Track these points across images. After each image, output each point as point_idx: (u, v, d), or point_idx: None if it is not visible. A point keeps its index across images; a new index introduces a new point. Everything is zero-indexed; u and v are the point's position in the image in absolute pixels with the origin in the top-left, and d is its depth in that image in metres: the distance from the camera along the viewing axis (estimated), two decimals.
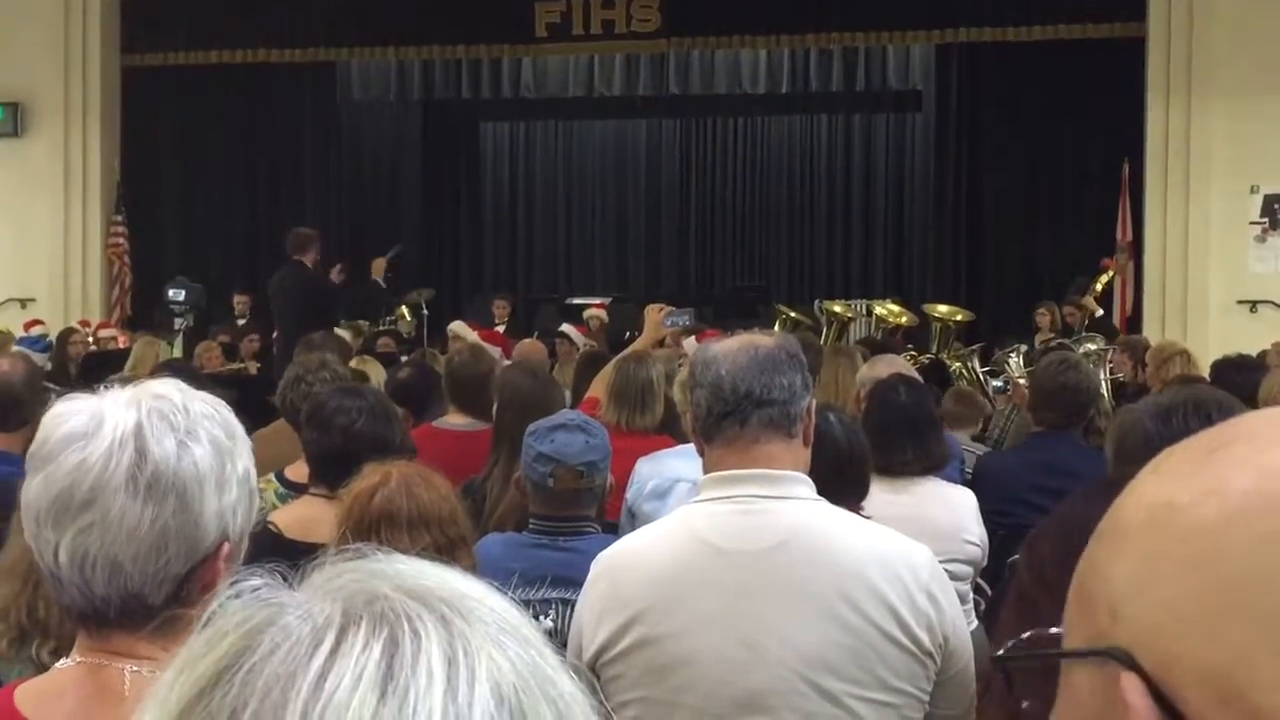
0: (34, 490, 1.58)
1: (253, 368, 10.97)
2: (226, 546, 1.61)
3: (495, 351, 7.77)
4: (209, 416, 1.61)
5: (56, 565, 1.57)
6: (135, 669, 1.58)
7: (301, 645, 0.70)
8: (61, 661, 1.65)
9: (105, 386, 1.63)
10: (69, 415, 1.59)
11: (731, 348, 2.55)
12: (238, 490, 1.61)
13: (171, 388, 1.64)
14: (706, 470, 2.56)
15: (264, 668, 0.69)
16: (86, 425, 1.57)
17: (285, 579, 0.76)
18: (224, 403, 1.69)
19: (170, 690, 0.72)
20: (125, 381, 1.67)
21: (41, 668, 2.45)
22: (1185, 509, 0.72)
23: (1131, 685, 0.71)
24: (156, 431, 1.56)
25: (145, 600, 1.57)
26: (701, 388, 2.53)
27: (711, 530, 2.47)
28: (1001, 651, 0.84)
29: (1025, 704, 0.82)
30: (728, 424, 2.49)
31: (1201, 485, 0.72)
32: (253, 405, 5.66)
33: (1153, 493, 0.75)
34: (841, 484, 3.25)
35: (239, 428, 1.66)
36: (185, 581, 1.58)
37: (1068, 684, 0.76)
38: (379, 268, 11.60)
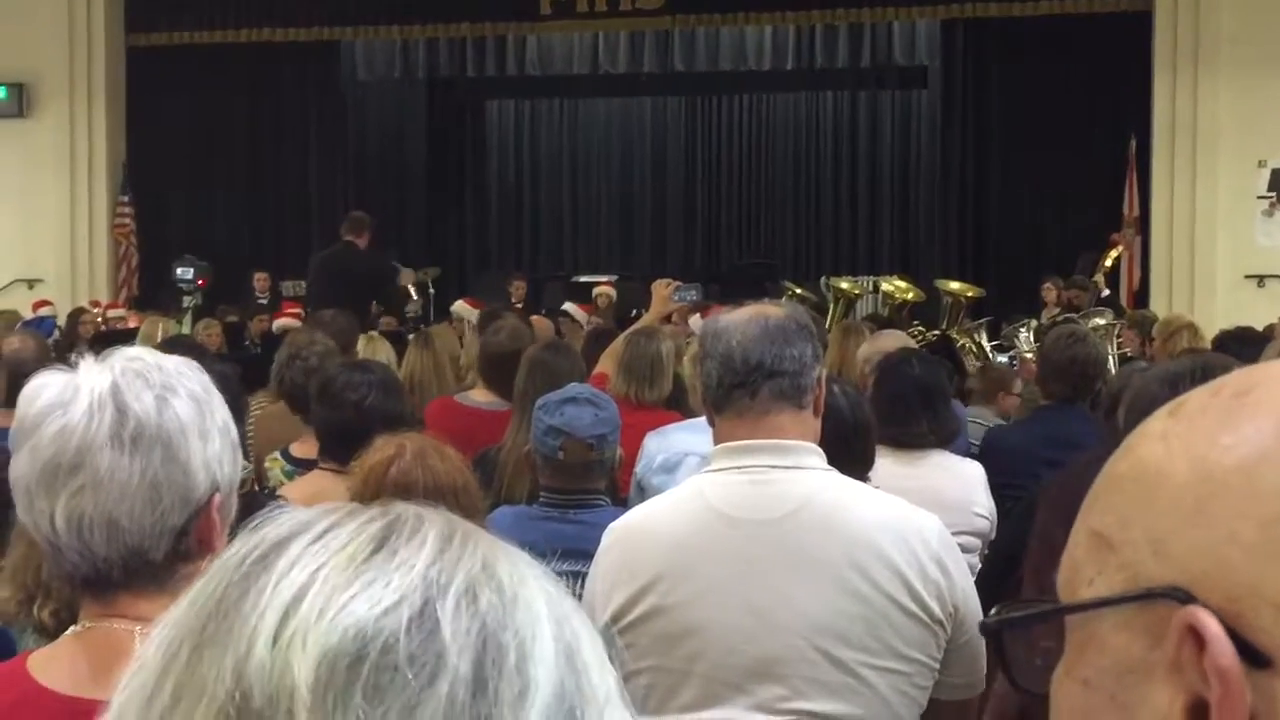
0: (21, 464, 1.60)
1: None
2: (218, 497, 1.62)
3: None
4: (183, 373, 1.63)
5: (54, 533, 1.58)
6: (144, 630, 1.57)
7: (309, 520, 0.72)
8: (70, 629, 1.66)
9: (74, 361, 1.64)
10: (44, 387, 1.60)
11: (741, 319, 2.54)
12: (220, 440, 1.63)
13: (143, 351, 1.67)
14: (717, 441, 2.57)
15: (270, 532, 0.72)
16: (63, 393, 1.58)
17: None
18: (199, 365, 1.71)
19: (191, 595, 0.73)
20: None
21: (41, 627, 2.48)
22: (1230, 449, 0.72)
23: (1205, 618, 0.70)
24: (134, 389, 1.58)
25: (146, 555, 1.58)
26: (712, 359, 2.52)
27: (723, 500, 2.48)
28: (992, 615, 0.84)
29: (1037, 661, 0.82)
30: (738, 395, 2.49)
31: (1240, 430, 0.73)
32: (257, 380, 5.68)
33: (1185, 440, 0.75)
34: (847, 455, 3.24)
35: (211, 383, 1.68)
36: (183, 535, 1.60)
37: (1090, 637, 0.76)
38: (408, 277, 11.69)
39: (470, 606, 0.69)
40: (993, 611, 0.85)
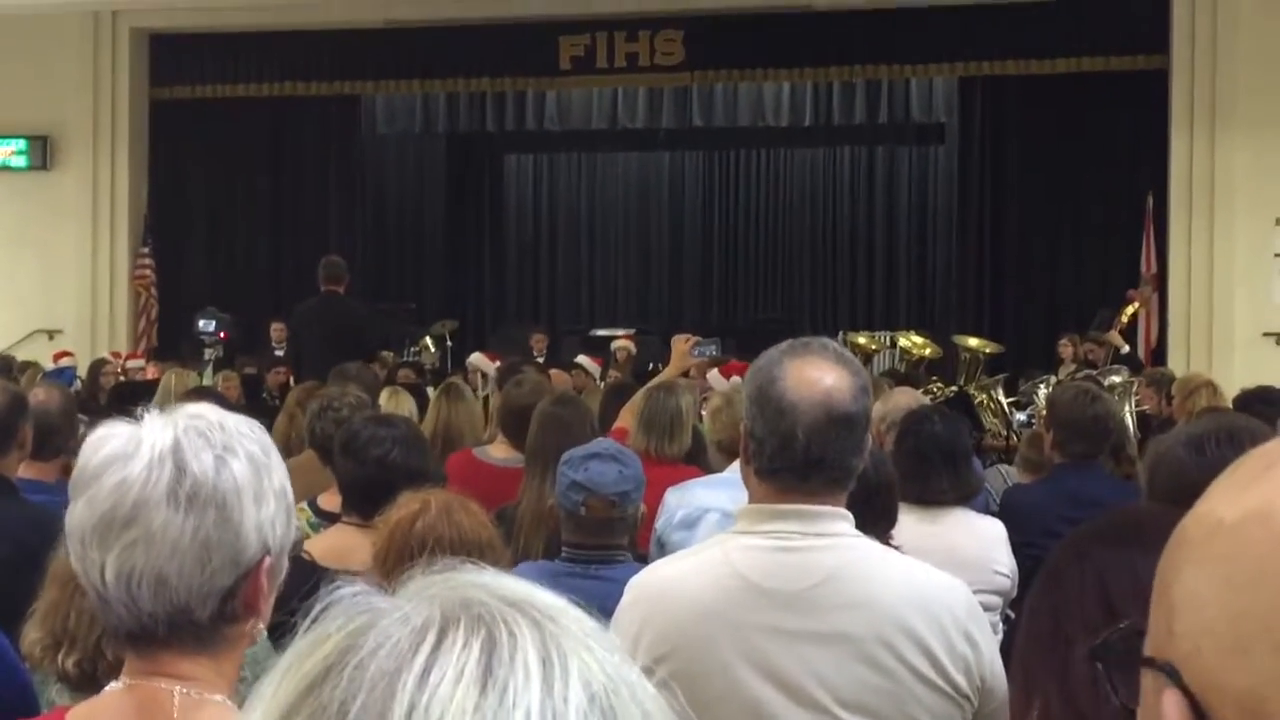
0: (78, 513, 1.61)
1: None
2: (268, 560, 1.63)
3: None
4: (244, 434, 1.65)
5: (104, 585, 1.59)
6: (184, 690, 1.60)
7: (404, 644, 0.73)
8: (111, 685, 1.66)
9: (140, 414, 1.65)
10: (108, 439, 1.62)
11: (810, 399, 2.38)
12: (275, 503, 1.64)
13: (206, 408, 1.68)
14: (751, 498, 2.51)
15: (370, 663, 0.73)
16: (125, 446, 1.60)
17: (382, 590, 0.79)
18: (258, 423, 1.72)
19: (278, 688, 0.75)
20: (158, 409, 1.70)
21: (65, 676, 2.49)
22: (1233, 529, 0.72)
23: (1171, 703, 0.72)
24: (194, 447, 1.59)
25: (192, 615, 1.59)
26: (769, 429, 2.40)
27: (750, 567, 2.43)
28: (1099, 643, 0.85)
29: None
30: (788, 476, 2.42)
31: (1249, 503, 0.72)
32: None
33: (1209, 505, 0.75)
34: (870, 513, 3.24)
35: (273, 445, 1.70)
36: (230, 596, 1.61)
37: (1143, 682, 0.78)
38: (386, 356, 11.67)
39: None
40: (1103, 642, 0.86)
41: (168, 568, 1.58)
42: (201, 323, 13.18)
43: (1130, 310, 12.98)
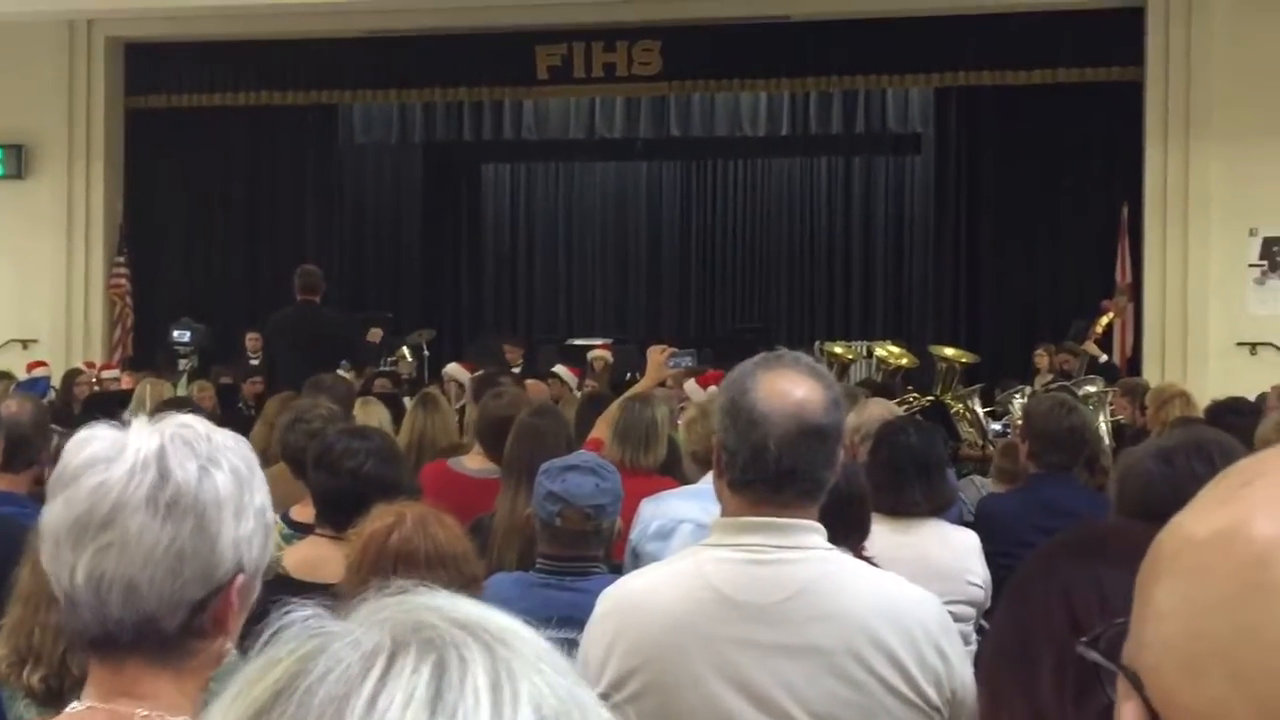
0: (55, 512, 1.59)
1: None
2: (241, 578, 1.60)
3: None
4: (230, 448, 1.63)
5: (73, 587, 1.57)
6: (145, 714, 1.57)
7: (354, 669, 0.73)
8: (72, 706, 1.63)
9: (124, 420, 1.64)
10: (91, 440, 1.60)
11: (781, 410, 2.39)
12: (254, 521, 1.62)
13: (194, 419, 1.66)
14: (724, 510, 2.52)
15: (319, 689, 0.72)
16: (109, 449, 1.58)
17: (332, 612, 0.79)
18: (244, 439, 1.70)
19: (226, 713, 0.74)
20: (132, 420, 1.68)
21: (31, 692, 2.47)
22: (1198, 546, 0.72)
23: (1128, 711, 0.72)
24: (179, 455, 1.57)
25: (159, 624, 1.57)
26: (741, 440, 2.41)
27: (723, 579, 2.44)
28: (1094, 634, 0.84)
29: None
30: (761, 488, 2.42)
31: (1218, 522, 0.72)
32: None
33: (1184, 518, 0.75)
34: (842, 525, 3.24)
35: (256, 462, 1.68)
36: (199, 610, 1.58)
37: (1119, 684, 0.78)
38: (376, 335, 11.60)
39: None
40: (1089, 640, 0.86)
41: (139, 575, 1.56)
42: (176, 333, 13.13)
43: (1105, 320, 13.02)
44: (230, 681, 0.76)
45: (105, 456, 1.58)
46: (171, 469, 1.57)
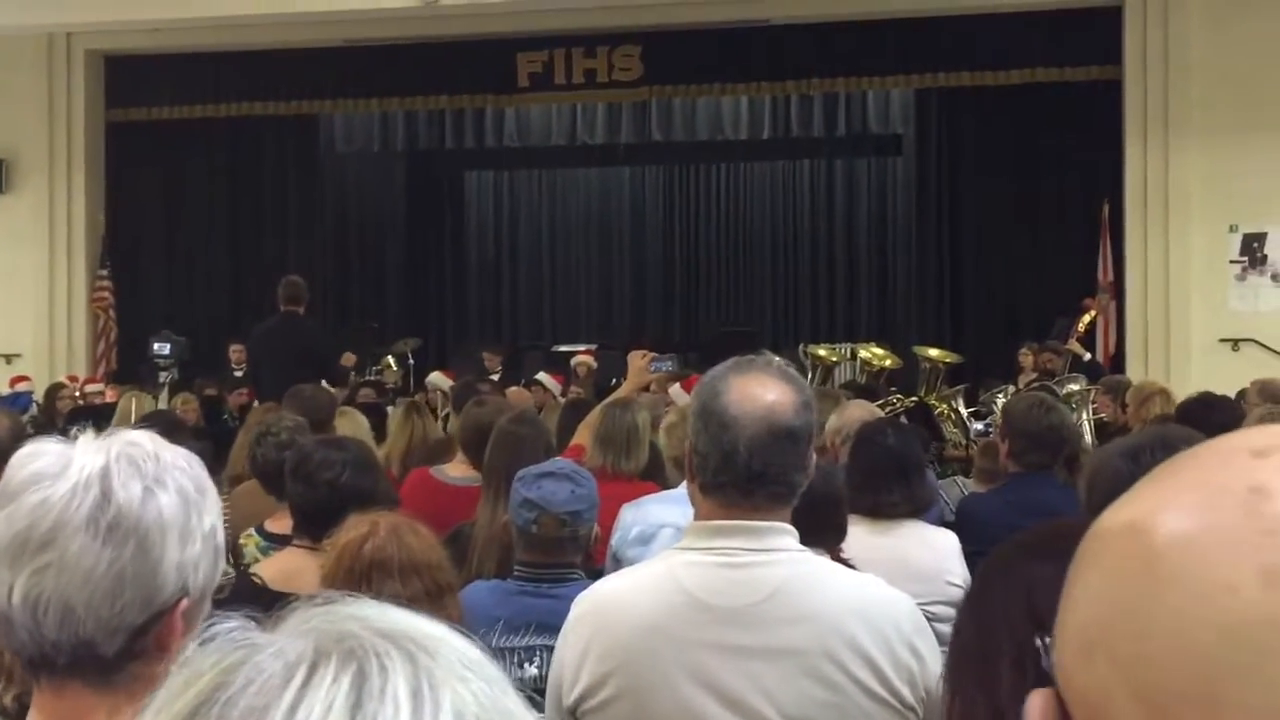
0: None
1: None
2: (185, 602, 1.55)
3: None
4: (180, 468, 1.58)
5: (9, 606, 1.52)
6: None
7: (275, 680, 0.73)
8: None
9: (75, 434, 1.59)
10: (36, 456, 1.56)
11: (751, 414, 2.40)
12: (201, 545, 1.57)
13: (144, 436, 1.60)
14: (697, 514, 2.52)
15: (239, 700, 0.73)
16: (53, 466, 1.54)
17: (259, 623, 0.79)
18: (198, 458, 1.65)
19: None
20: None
21: (4, 710, 2.46)
22: (1103, 536, 0.74)
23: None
24: (123, 475, 1.53)
25: (96, 649, 1.52)
26: (713, 444, 2.42)
27: (695, 583, 2.44)
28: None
29: None
30: (732, 492, 2.43)
31: (1125, 514, 0.73)
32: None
33: (1106, 513, 0.76)
34: (818, 527, 3.25)
35: (210, 484, 1.63)
36: (140, 634, 1.53)
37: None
38: (350, 360, 11.58)
39: None
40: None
41: (76, 597, 1.51)
42: (156, 345, 13.10)
43: (1088, 319, 13.06)
44: (154, 696, 0.77)
45: (49, 473, 1.54)
46: (115, 489, 1.53)
